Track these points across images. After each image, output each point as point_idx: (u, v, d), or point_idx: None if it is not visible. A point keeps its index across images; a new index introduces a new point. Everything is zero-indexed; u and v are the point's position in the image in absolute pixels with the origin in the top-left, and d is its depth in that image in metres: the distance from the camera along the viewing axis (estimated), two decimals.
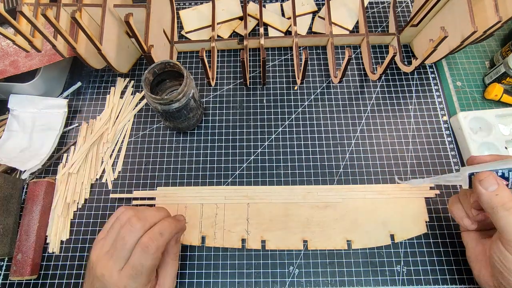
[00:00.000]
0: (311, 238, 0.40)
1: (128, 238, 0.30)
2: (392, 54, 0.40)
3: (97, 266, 0.30)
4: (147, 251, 0.29)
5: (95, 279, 0.30)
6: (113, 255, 0.30)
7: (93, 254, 0.31)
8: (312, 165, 0.45)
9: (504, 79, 0.47)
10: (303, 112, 0.48)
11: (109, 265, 0.29)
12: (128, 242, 0.30)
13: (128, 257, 0.30)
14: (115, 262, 0.29)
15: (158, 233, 0.31)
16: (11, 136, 0.47)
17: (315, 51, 0.53)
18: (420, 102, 0.49)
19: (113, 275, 0.29)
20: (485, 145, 0.44)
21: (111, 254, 0.30)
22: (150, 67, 0.39)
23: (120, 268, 0.29)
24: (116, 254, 0.30)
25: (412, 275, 0.39)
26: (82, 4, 0.42)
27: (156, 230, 0.31)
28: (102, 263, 0.30)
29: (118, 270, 0.29)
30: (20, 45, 0.40)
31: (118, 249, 0.30)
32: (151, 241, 0.30)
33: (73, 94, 0.51)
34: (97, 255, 0.31)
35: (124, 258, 0.29)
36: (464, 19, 0.39)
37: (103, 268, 0.29)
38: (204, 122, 0.48)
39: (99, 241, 0.32)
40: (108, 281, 0.29)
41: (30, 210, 0.41)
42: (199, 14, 0.56)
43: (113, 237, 0.31)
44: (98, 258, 0.30)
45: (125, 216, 0.32)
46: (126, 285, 0.29)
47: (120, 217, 0.32)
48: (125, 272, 0.29)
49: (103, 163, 0.46)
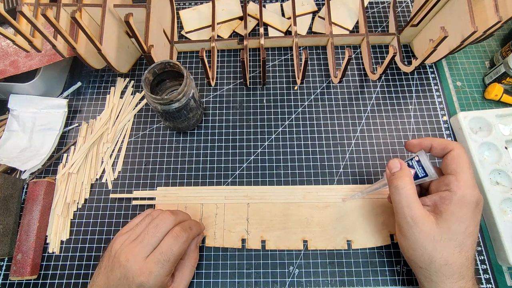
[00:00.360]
0: (311, 238, 0.40)
1: (161, 226, 0.32)
2: (392, 54, 0.40)
3: (122, 252, 0.31)
4: (178, 239, 0.32)
5: (116, 265, 0.31)
6: (142, 242, 0.31)
7: (116, 243, 0.32)
8: (312, 165, 0.45)
9: (504, 79, 0.47)
10: (303, 112, 0.48)
11: (135, 251, 0.31)
12: (161, 230, 0.32)
13: (156, 246, 0.31)
14: (143, 248, 0.31)
15: (188, 227, 0.34)
16: (11, 136, 0.47)
17: (315, 51, 0.53)
18: (420, 102, 0.49)
19: (138, 260, 0.30)
20: (485, 145, 0.44)
21: (140, 240, 0.31)
22: (150, 67, 0.39)
23: (146, 255, 0.31)
24: (146, 241, 0.31)
25: (412, 275, 0.39)
26: (82, 4, 0.42)
27: (186, 224, 0.34)
28: (128, 249, 0.31)
29: (144, 256, 0.31)
30: (20, 45, 0.40)
31: (149, 235, 0.32)
32: (183, 231, 0.33)
33: (73, 94, 0.51)
34: (121, 243, 0.32)
35: (153, 246, 0.31)
36: (464, 19, 0.39)
37: (129, 254, 0.30)
38: (204, 122, 0.48)
39: (124, 234, 0.33)
40: (132, 266, 0.30)
41: (30, 210, 0.41)
42: (199, 14, 0.56)
43: (143, 228, 0.33)
44: (123, 245, 0.32)
45: (157, 212, 0.35)
46: (151, 271, 0.30)
47: (153, 213, 0.35)
48: (153, 257, 0.31)
49: (103, 163, 0.46)
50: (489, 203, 0.40)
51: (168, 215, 0.34)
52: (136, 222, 0.35)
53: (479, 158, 0.42)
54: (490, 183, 0.41)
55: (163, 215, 0.34)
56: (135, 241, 0.32)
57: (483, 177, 0.41)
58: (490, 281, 0.39)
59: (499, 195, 0.40)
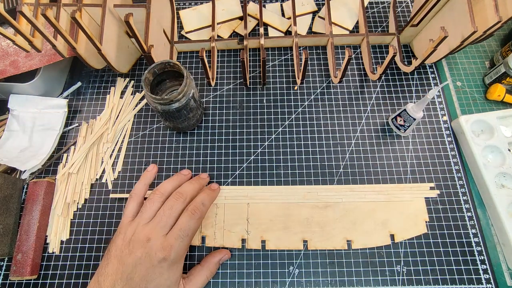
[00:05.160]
0: (311, 238, 0.40)
1: (176, 207, 0.35)
2: (392, 54, 0.40)
3: (140, 235, 0.33)
4: (193, 216, 0.35)
5: (137, 246, 0.32)
6: (160, 222, 0.34)
7: (127, 230, 0.34)
8: (312, 165, 0.45)
9: (504, 79, 0.47)
10: (303, 112, 0.48)
11: (155, 231, 0.33)
12: (176, 210, 0.35)
13: (173, 225, 0.34)
14: (161, 228, 0.33)
15: (201, 203, 0.37)
16: (11, 136, 0.47)
17: (315, 51, 0.53)
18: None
19: (159, 237, 0.33)
20: (488, 148, 0.43)
21: (158, 221, 0.34)
22: (150, 67, 0.39)
23: (165, 233, 0.33)
24: (163, 221, 0.34)
25: (412, 275, 0.39)
26: (82, 4, 0.42)
27: (198, 201, 0.37)
28: (146, 231, 0.33)
29: (163, 234, 0.33)
30: (20, 45, 0.40)
31: (166, 216, 0.34)
32: (197, 209, 0.36)
33: (73, 94, 0.51)
34: (134, 229, 0.34)
35: (170, 225, 0.34)
36: (464, 19, 0.39)
37: (150, 233, 0.33)
38: (204, 122, 0.48)
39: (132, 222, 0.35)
40: (155, 243, 0.32)
41: (30, 210, 0.41)
42: (199, 14, 0.56)
43: (154, 209, 0.35)
44: (138, 229, 0.34)
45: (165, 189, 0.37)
46: (172, 245, 0.33)
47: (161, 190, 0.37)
48: (173, 234, 0.33)
49: (103, 163, 0.46)
50: (496, 207, 0.40)
51: (180, 196, 0.36)
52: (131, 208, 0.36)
53: (483, 162, 0.42)
54: (496, 187, 0.41)
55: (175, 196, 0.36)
56: (152, 223, 0.34)
57: (488, 181, 0.41)
58: (490, 281, 0.39)
59: (506, 198, 0.40)
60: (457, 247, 0.40)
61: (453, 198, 0.43)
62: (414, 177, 0.44)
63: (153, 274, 0.32)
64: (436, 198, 0.43)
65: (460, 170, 0.44)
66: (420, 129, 0.47)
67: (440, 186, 0.43)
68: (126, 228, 0.34)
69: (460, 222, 0.41)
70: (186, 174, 0.41)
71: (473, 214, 0.42)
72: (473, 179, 0.44)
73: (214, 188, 0.41)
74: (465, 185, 0.43)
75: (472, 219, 0.42)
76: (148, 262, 0.32)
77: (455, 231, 0.41)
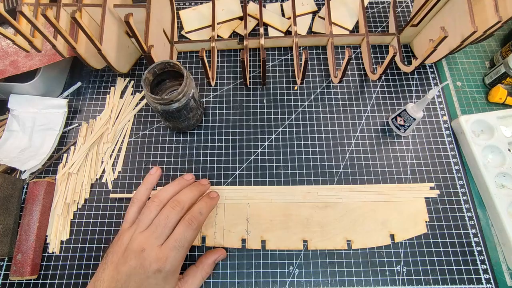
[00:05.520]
0: (311, 238, 0.40)
1: (172, 216, 0.34)
2: (392, 54, 0.40)
3: (134, 244, 0.32)
4: (190, 226, 0.34)
5: (131, 256, 0.31)
6: (155, 232, 0.33)
7: (125, 236, 0.33)
8: (312, 165, 0.45)
9: (504, 79, 0.47)
10: (303, 112, 0.48)
11: (150, 241, 0.32)
12: (172, 220, 0.33)
13: (169, 235, 0.33)
14: (156, 238, 0.32)
15: (198, 213, 0.35)
16: (11, 136, 0.47)
17: (315, 51, 0.53)
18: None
19: (154, 248, 0.32)
20: (488, 148, 0.43)
21: (153, 231, 0.33)
22: (150, 67, 0.39)
23: (161, 244, 0.32)
24: (158, 231, 0.33)
25: (412, 275, 0.39)
26: (82, 4, 0.42)
27: (196, 210, 0.35)
28: (140, 240, 0.32)
29: (158, 245, 0.32)
30: (20, 45, 0.40)
31: (161, 226, 0.33)
32: (194, 219, 0.34)
33: (73, 94, 0.51)
34: (130, 235, 0.33)
35: (166, 235, 0.33)
36: (464, 19, 0.39)
37: (144, 244, 0.32)
38: (204, 122, 0.48)
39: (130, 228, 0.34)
40: (149, 254, 0.31)
41: (30, 210, 0.41)
42: (199, 14, 0.56)
43: (151, 217, 0.34)
44: (133, 237, 0.33)
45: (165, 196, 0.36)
46: (168, 256, 0.32)
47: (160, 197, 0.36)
48: (168, 245, 0.32)
49: (103, 163, 0.46)
50: (496, 207, 0.40)
51: (176, 204, 0.35)
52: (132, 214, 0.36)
53: (483, 162, 0.42)
54: (496, 187, 0.41)
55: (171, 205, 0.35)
56: (147, 231, 0.33)
57: (488, 181, 0.41)
58: (490, 281, 0.39)
59: (506, 198, 0.40)
60: (457, 247, 0.40)
61: (453, 198, 0.43)
62: (414, 177, 0.44)
63: (148, 285, 0.31)
64: (436, 198, 0.43)
65: (460, 170, 0.44)
66: (420, 129, 0.47)
67: (440, 186, 0.43)
68: (124, 234, 0.34)
69: (460, 222, 0.41)
70: (189, 179, 0.39)
71: (473, 214, 0.42)
72: (473, 179, 0.44)
73: (213, 196, 0.39)
74: (465, 185, 0.43)
75: (472, 219, 0.42)
76: (142, 273, 0.31)
77: (455, 231, 0.41)
